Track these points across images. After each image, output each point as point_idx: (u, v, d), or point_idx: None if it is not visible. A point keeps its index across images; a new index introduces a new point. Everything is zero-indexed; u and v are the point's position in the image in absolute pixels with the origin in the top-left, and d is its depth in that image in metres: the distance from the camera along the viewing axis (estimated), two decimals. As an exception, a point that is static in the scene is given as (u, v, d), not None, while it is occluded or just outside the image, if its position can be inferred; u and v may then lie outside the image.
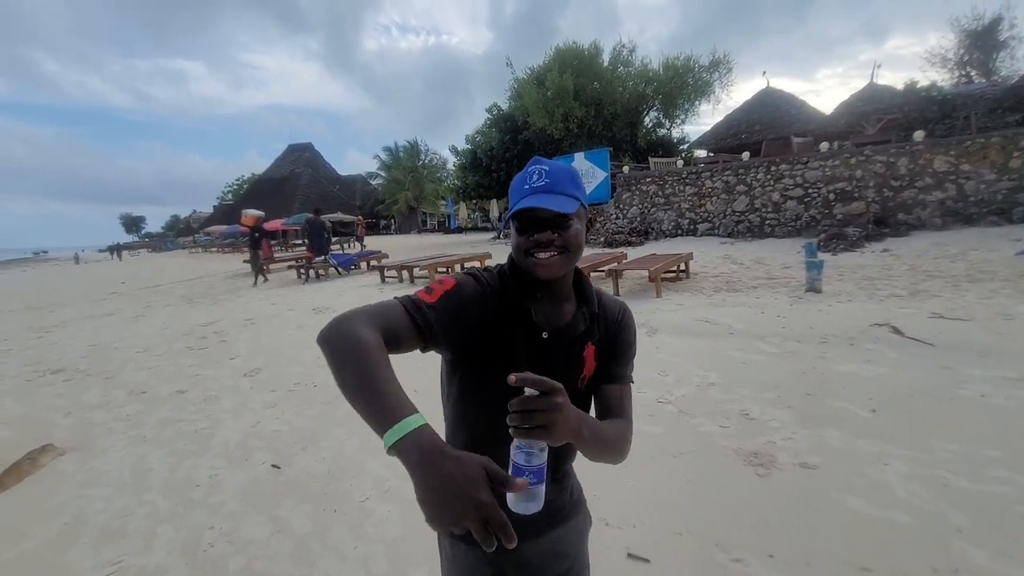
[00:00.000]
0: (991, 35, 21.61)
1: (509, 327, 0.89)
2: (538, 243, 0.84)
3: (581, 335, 0.93)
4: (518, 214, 0.85)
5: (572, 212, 0.84)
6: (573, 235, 0.85)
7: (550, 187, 0.84)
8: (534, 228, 0.84)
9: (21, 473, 2.99)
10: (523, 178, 0.87)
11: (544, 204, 0.82)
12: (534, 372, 0.84)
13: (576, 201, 0.86)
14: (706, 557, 1.94)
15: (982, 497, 2.14)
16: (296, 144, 52.62)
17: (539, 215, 0.84)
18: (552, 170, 0.86)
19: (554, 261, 0.84)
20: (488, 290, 0.90)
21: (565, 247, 0.85)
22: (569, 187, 0.86)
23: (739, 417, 3.10)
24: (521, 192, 0.86)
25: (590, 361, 0.93)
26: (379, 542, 2.18)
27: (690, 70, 20.51)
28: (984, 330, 4.34)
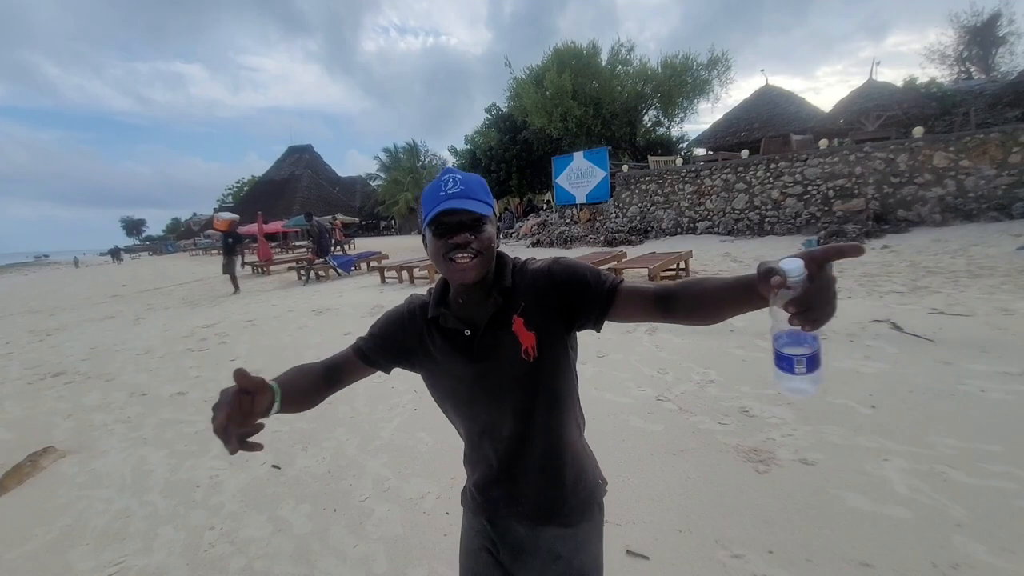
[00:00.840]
0: (990, 31, 21.60)
1: (431, 337, 1.00)
2: (456, 245, 0.88)
3: (496, 315, 0.94)
4: (435, 219, 0.89)
5: (486, 215, 0.90)
6: (487, 238, 0.90)
7: (465, 193, 0.89)
8: (451, 232, 0.88)
9: (22, 475, 2.99)
10: (437, 186, 0.91)
11: (463, 206, 0.87)
12: (466, 368, 0.95)
13: (488, 207, 0.92)
14: (706, 554, 1.94)
15: (982, 492, 2.14)
16: (296, 146, 52.71)
17: (456, 218, 0.88)
18: (466, 178, 0.92)
19: (471, 265, 0.88)
20: (411, 309, 1.05)
21: (480, 250, 0.89)
22: (483, 195, 0.92)
23: (739, 414, 3.10)
24: (436, 199, 0.89)
25: (524, 332, 0.93)
26: (379, 541, 2.18)
27: (689, 69, 20.51)
28: (984, 326, 4.34)
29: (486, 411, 0.98)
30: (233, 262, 11.29)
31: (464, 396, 0.99)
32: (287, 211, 38.01)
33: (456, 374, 0.98)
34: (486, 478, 1.03)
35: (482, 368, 0.95)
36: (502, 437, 0.98)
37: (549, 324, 0.94)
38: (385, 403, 3.73)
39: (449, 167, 1.00)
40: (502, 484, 1.01)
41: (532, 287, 0.96)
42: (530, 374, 0.93)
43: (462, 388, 0.99)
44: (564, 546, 1.00)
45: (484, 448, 1.02)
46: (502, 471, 1.00)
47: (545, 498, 0.99)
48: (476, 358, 0.95)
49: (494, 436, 0.99)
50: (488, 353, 0.94)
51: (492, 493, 1.03)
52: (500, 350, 0.94)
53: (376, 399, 3.82)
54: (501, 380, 0.95)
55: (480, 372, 0.95)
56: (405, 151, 41.75)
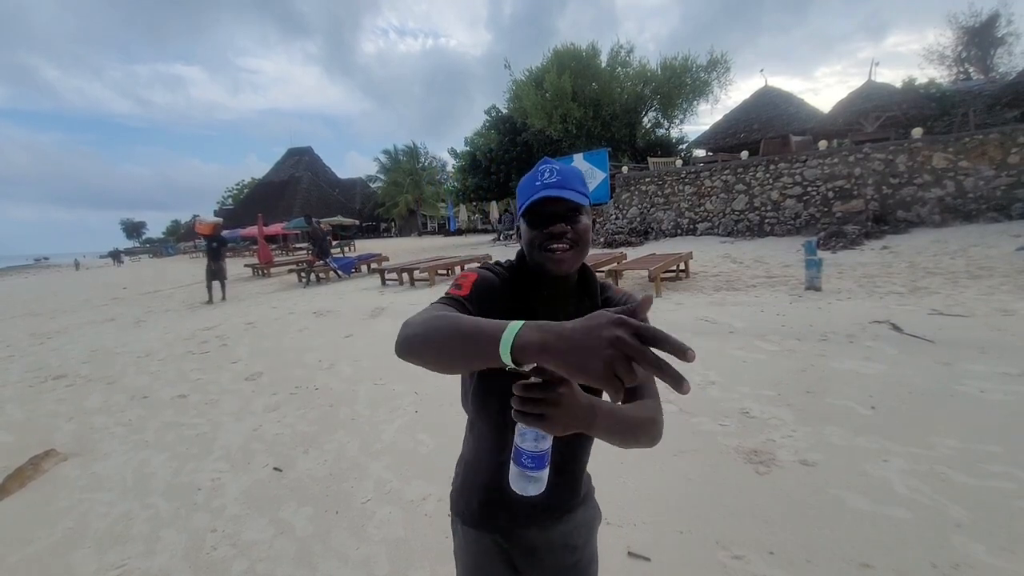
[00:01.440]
0: (989, 32, 21.64)
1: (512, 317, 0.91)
2: (552, 235, 0.86)
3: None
4: (532, 208, 0.87)
5: (584, 205, 0.89)
6: (583, 229, 0.88)
7: (562, 183, 0.87)
8: (547, 221, 0.87)
9: (24, 478, 3.00)
10: (534, 176, 0.90)
11: (560, 195, 0.85)
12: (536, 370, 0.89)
13: (585, 198, 0.90)
14: (707, 555, 1.94)
15: (982, 492, 2.15)
16: (296, 148, 52.76)
17: (553, 209, 0.87)
18: (563, 169, 0.90)
19: (567, 256, 0.87)
20: (503, 280, 0.95)
21: (576, 241, 0.87)
22: (579, 185, 0.90)
23: (739, 415, 3.10)
24: (533, 189, 0.88)
25: None
26: (381, 543, 2.19)
27: (688, 70, 20.55)
28: (984, 326, 4.35)
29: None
30: (222, 268, 10.61)
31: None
32: (287, 213, 38.04)
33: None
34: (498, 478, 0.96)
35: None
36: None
37: None
38: (386, 405, 3.73)
39: (546, 158, 0.98)
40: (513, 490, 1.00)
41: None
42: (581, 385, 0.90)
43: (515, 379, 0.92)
44: (575, 536, 1.01)
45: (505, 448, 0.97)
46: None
47: (558, 501, 0.99)
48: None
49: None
50: None
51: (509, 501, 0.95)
52: None
53: (377, 401, 3.82)
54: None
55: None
56: (405, 153, 41.81)
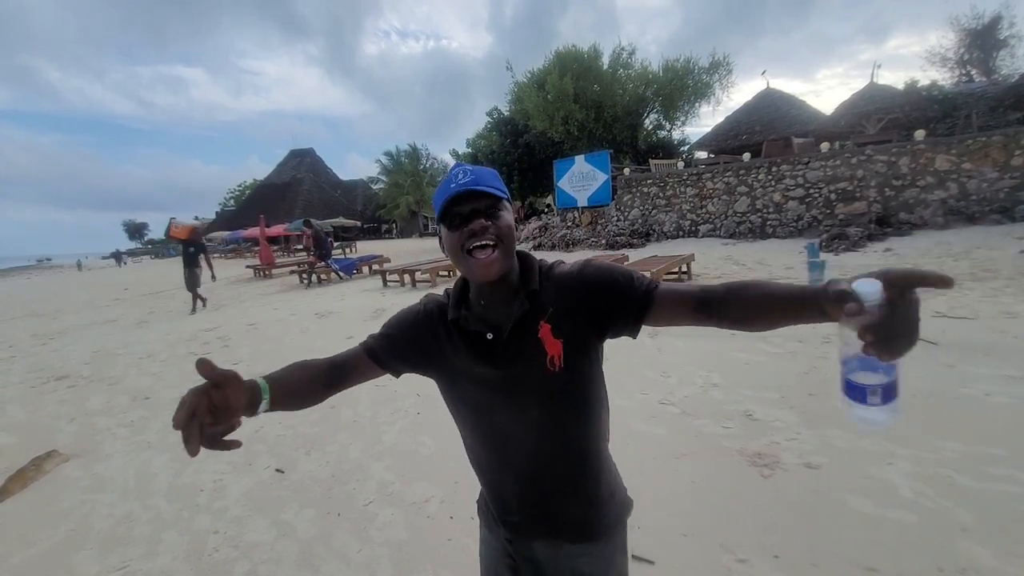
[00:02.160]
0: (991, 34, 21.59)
1: (450, 340, 0.93)
2: (472, 233, 0.82)
3: (522, 319, 0.87)
4: (447, 208, 0.83)
5: (502, 199, 0.85)
6: (505, 225, 0.84)
7: (475, 182, 0.83)
8: (465, 220, 0.83)
9: (26, 479, 3.00)
10: (447, 181, 0.86)
11: (475, 188, 0.81)
12: (487, 374, 0.89)
13: (503, 193, 0.86)
14: (711, 558, 1.93)
15: (988, 496, 2.13)
16: (297, 149, 52.82)
17: (469, 206, 0.83)
18: (476, 169, 0.86)
19: (493, 258, 0.83)
20: (427, 309, 0.98)
21: (499, 238, 0.83)
22: (494, 182, 0.85)
23: (742, 418, 3.09)
24: (447, 191, 0.84)
25: (550, 340, 0.86)
26: (383, 545, 2.18)
27: (690, 72, 20.55)
28: (988, 328, 4.33)
29: (507, 422, 0.92)
30: (196, 276, 9.71)
31: (484, 405, 0.93)
32: (289, 214, 38.09)
33: (476, 380, 0.91)
34: (506, 494, 0.98)
35: (505, 375, 0.88)
36: (525, 451, 0.92)
37: (578, 332, 0.87)
38: (388, 407, 3.73)
39: (459, 162, 0.96)
40: (524, 501, 0.95)
41: (560, 291, 0.89)
42: (556, 385, 0.87)
43: (482, 396, 0.92)
44: (589, 566, 0.95)
45: (504, 462, 0.96)
46: (525, 487, 0.95)
47: (574, 516, 0.94)
48: (499, 364, 0.88)
49: (516, 450, 0.93)
50: (512, 359, 0.87)
51: (512, 510, 0.97)
52: (525, 357, 0.87)
53: (379, 403, 3.82)
54: (525, 389, 0.89)
55: (503, 379, 0.89)
56: (407, 154, 41.87)
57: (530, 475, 0.94)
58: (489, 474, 1.00)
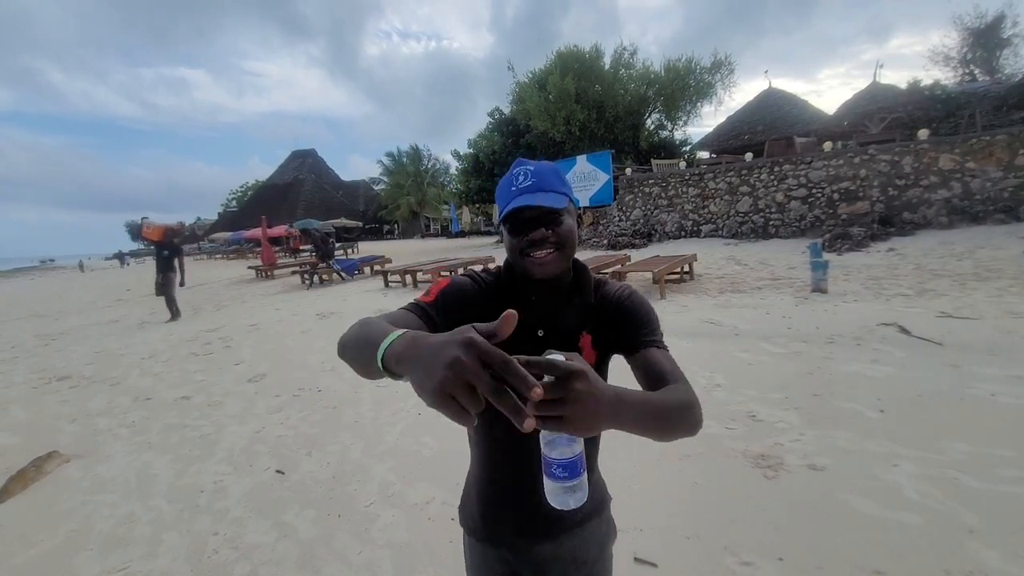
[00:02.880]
0: (994, 33, 21.52)
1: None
2: (532, 242, 0.83)
3: (574, 327, 0.91)
4: (510, 216, 0.84)
5: (563, 207, 0.84)
6: (566, 231, 0.85)
7: (537, 185, 0.84)
8: (527, 228, 0.84)
9: (27, 480, 2.99)
10: (509, 180, 0.87)
11: (535, 202, 0.81)
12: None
13: (565, 197, 0.86)
14: (715, 561, 1.91)
15: (994, 497, 2.11)
16: (299, 150, 52.97)
17: (530, 214, 0.84)
18: (537, 169, 0.86)
19: (550, 259, 0.84)
20: (484, 287, 0.94)
21: (560, 243, 0.84)
22: (557, 184, 0.86)
23: (746, 419, 3.07)
24: (509, 194, 0.85)
25: (588, 351, 0.90)
26: (384, 547, 2.17)
27: (692, 72, 20.53)
28: (993, 329, 4.30)
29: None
30: (170, 281, 8.82)
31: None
32: (291, 215, 38.14)
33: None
34: (508, 495, 0.97)
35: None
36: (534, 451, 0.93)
37: (609, 348, 0.93)
38: (389, 408, 3.72)
39: (521, 158, 0.94)
40: (528, 501, 0.95)
41: (606, 308, 0.93)
42: None
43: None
44: (585, 551, 0.98)
45: (514, 462, 0.95)
46: (531, 485, 0.92)
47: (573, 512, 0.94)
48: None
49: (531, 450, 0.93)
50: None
51: (513, 513, 0.97)
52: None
53: (380, 403, 3.81)
54: None
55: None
56: (408, 155, 41.91)
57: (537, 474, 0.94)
58: (493, 477, 1.00)
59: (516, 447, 0.92)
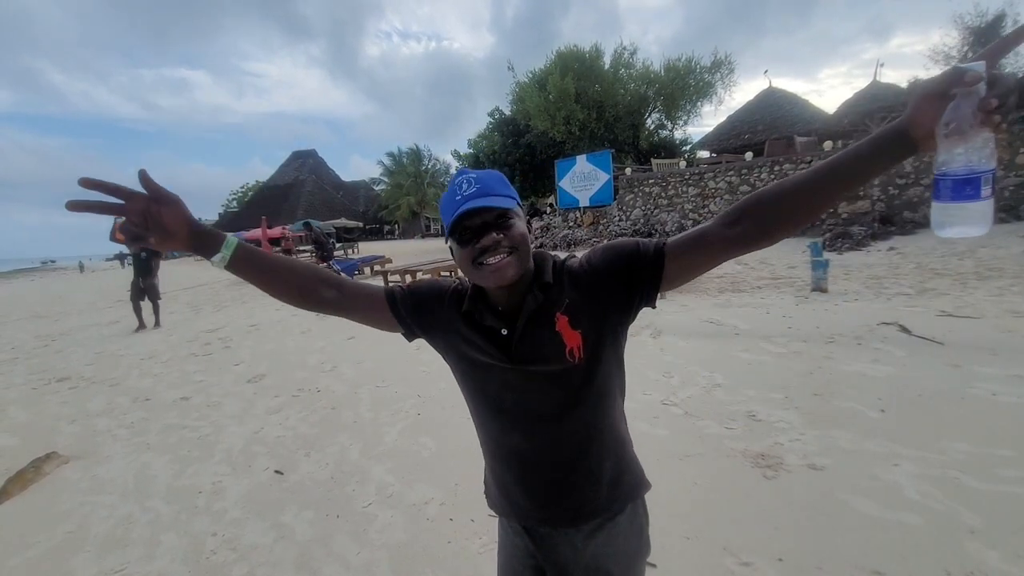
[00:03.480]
0: (995, 32, 21.46)
1: (468, 328, 0.92)
2: (484, 249, 0.80)
3: (537, 313, 0.86)
4: (457, 225, 0.82)
5: (510, 208, 0.83)
6: (517, 233, 0.82)
7: (482, 191, 0.81)
8: (476, 235, 0.81)
9: (25, 481, 2.98)
10: (452, 191, 0.84)
11: (482, 204, 0.80)
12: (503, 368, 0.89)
13: (512, 200, 0.84)
14: (714, 561, 1.90)
15: (995, 497, 2.10)
16: (300, 151, 53.04)
17: (478, 220, 0.81)
18: (480, 176, 0.84)
19: (505, 263, 0.81)
20: (456, 290, 0.97)
21: (513, 247, 0.81)
22: (502, 188, 0.84)
23: (745, 418, 3.06)
24: (454, 204, 0.82)
25: (568, 331, 0.85)
26: (382, 548, 2.16)
27: (692, 71, 20.55)
28: (994, 328, 4.29)
29: (525, 414, 0.91)
30: (153, 287, 8.17)
31: (497, 395, 0.92)
32: (291, 216, 38.18)
33: (492, 372, 0.90)
34: (519, 481, 0.95)
35: (521, 370, 0.87)
36: (541, 441, 0.91)
37: (597, 320, 0.86)
38: (388, 408, 3.71)
39: (463, 168, 0.93)
40: (537, 488, 0.94)
41: (575, 282, 0.88)
42: (576, 375, 0.87)
43: (496, 387, 0.91)
44: (612, 561, 0.94)
45: (517, 451, 0.94)
46: (539, 473, 0.93)
47: (583, 499, 0.93)
48: (515, 359, 0.87)
49: (531, 439, 0.92)
50: (529, 354, 0.87)
51: (528, 498, 0.95)
52: (542, 350, 0.86)
53: (379, 404, 3.80)
54: (543, 382, 0.88)
55: (519, 374, 0.88)
56: (408, 155, 41.92)
57: (542, 463, 0.92)
58: (501, 464, 0.98)
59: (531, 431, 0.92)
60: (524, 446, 0.93)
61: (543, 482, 0.93)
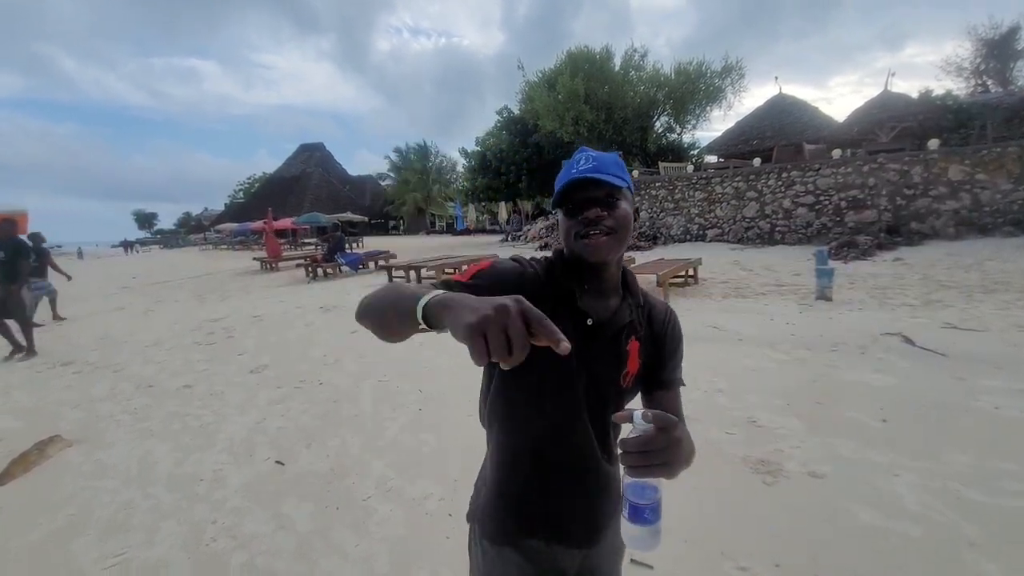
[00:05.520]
0: (1008, 44, 21.37)
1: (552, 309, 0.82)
2: (588, 221, 0.81)
3: (626, 327, 0.89)
4: (565, 193, 0.83)
5: (621, 187, 0.84)
6: (622, 215, 0.83)
7: (597, 169, 0.83)
8: (582, 208, 0.82)
9: (29, 463, 3.01)
10: (570, 164, 0.86)
11: (594, 176, 0.81)
12: (579, 359, 0.85)
13: (624, 182, 0.85)
14: (711, 565, 1.91)
15: (996, 511, 2.10)
16: (307, 144, 53.09)
17: (588, 194, 0.82)
18: (599, 155, 0.85)
19: (603, 241, 0.81)
20: (529, 271, 0.88)
21: (614, 227, 0.82)
22: (616, 170, 0.85)
23: (747, 424, 3.06)
24: (568, 176, 0.84)
25: (634, 357, 0.89)
26: (381, 541, 2.17)
27: (702, 75, 20.47)
28: (999, 341, 4.27)
29: (563, 412, 0.88)
30: (16, 301, 5.65)
31: (551, 386, 0.86)
32: (298, 208, 38.28)
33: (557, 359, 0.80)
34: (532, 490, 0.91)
35: (584, 365, 0.86)
36: (567, 445, 0.89)
37: (648, 363, 0.93)
38: (389, 403, 3.72)
39: (583, 147, 0.93)
40: (552, 498, 0.91)
41: (654, 321, 0.95)
42: (617, 397, 0.90)
43: (553, 376, 0.85)
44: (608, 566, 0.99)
45: (538, 455, 0.90)
46: (556, 483, 0.90)
47: (598, 517, 0.93)
48: (584, 352, 0.84)
49: (558, 441, 0.89)
50: (598, 356, 0.86)
51: (537, 510, 0.91)
52: (608, 360, 0.87)
53: (381, 398, 3.81)
54: (594, 387, 0.87)
55: (580, 367, 0.85)
56: (416, 151, 41.94)
57: (564, 471, 0.91)
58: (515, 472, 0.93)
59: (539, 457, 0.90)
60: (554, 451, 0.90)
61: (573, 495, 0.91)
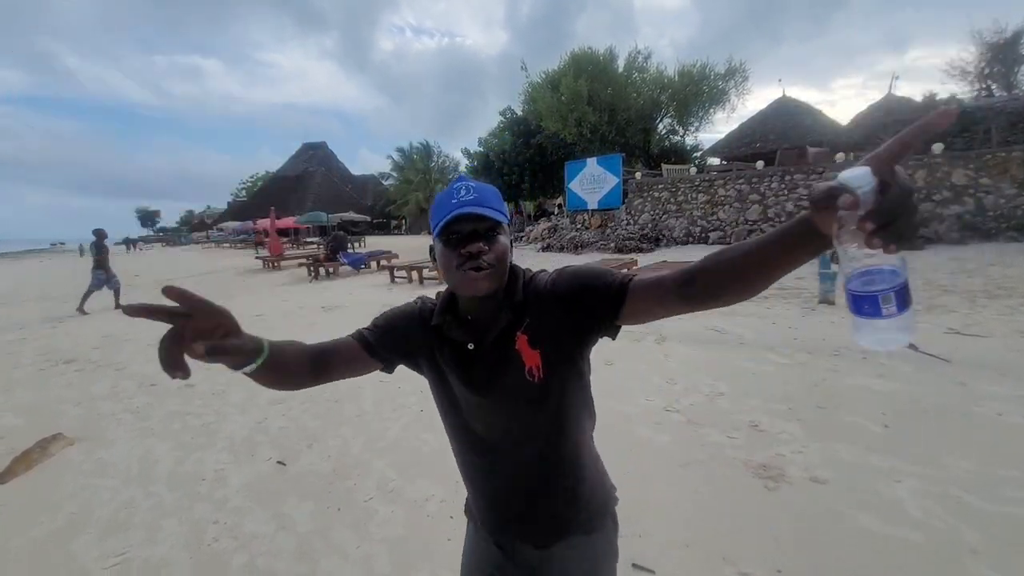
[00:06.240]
0: (1013, 48, 21.29)
1: (438, 345, 0.94)
2: (468, 255, 0.81)
3: (504, 331, 0.88)
4: (448, 227, 0.83)
5: (502, 223, 0.85)
6: (502, 249, 0.84)
7: (478, 201, 0.83)
8: (463, 241, 0.83)
9: (31, 461, 3.02)
10: (449, 194, 0.85)
11: (477, 211, 0.81)
12: (464, 384, 0.90)
13: (503, 216, 0.86)
14: (712, 570, 1.90)
15: (998, 517, 2.09)
16: (310, 142, 53.17)
17: (469, 227, 0.83)
18: (480, 186, 0.85)
19: (483, 276, 0.82)
20: (421, 309, 0.98)
21: (493, 262, 0.83)
22: (497, 203, 0.86)
23: (748, 428, 3.05)
24: (448, 207, 0.83)
25: (527, 350, 0.86)
26: (382, 542, 2.17)
27: (706, 78, 20.47)
28: (1002, 347, 4.25)
29: (489, 431, 0.93)
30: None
31: (465, 411, 0.94)
32: (300, 207, 38.33)
33: (460, 387, 0.92)
34: (489, 498, 0.99)
35: (485, 387, 0.89)
36: (508, 457, 0.93)
37: (557, 341, 0.87)
38: (391, 403, 3.72)
39: (462, 175, 0.95)
40: (508, 505, 0.96)
41: (538, 301, 0.88)
42: (537, 395, 0.88)
43: (463, 403, 0.94)
44: (578, 569, 0.95)
45: (486, 468, 0.97)
46: (507, 492, 0.96)
47: (555, 517, 0.95)
48: (479, 374, 0.89)
49: (498, 456, 0.94)
50: (492, 371, 0.88)
51: (497, 514, 0.99)
52: (504, 368, 0.87)
53: (382, 399, 3.82)
54: (506, 400, 0.89)
55: (483, 391, 0.90)
56: (418, 151, 41.94)
57: (510, 481, 0.95)
58: (473, 480, 1.01)
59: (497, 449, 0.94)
60: (491, 466, 0.96)
61: (511, 502, 0.96)
